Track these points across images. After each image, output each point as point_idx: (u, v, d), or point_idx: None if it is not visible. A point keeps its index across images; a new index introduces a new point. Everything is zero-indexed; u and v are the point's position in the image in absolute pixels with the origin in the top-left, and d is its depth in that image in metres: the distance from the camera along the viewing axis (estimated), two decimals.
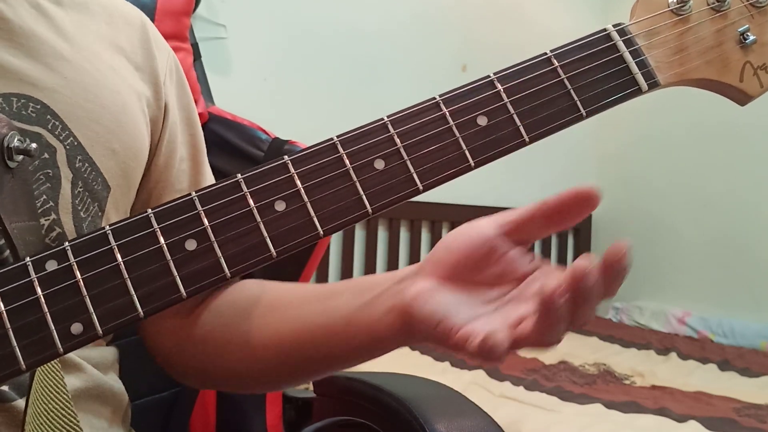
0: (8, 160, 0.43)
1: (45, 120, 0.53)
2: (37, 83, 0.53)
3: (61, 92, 0.54)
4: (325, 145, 0.41)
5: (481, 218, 0.46)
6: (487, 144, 0.41)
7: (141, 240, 0.38)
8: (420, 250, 2.60)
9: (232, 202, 0.39)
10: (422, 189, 0.41)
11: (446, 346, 0.42)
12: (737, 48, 0.46)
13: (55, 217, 0.53)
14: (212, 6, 2.21)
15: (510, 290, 0.45)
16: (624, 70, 0.44)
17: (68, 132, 0.54)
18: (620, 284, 0.43)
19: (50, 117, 0.53)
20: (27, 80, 0.53)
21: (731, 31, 0.46)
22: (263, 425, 0.88)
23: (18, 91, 0.52)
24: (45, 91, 0.53)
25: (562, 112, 0.43)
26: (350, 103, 2.43)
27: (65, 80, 0.55)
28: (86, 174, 0.55)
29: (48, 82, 0.54)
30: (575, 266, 0.40)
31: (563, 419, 1.38)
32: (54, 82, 0.54)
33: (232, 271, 0.38)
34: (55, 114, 0.54)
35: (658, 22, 0.45)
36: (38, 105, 0.53)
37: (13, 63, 0.52)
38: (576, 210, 0.45)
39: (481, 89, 0.43)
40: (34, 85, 0.53)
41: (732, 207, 2.55)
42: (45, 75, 0.54)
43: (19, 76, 0.52)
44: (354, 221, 0.40)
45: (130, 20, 0.65)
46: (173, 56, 0.69)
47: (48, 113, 0.53)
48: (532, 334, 0.41)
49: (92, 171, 0.56)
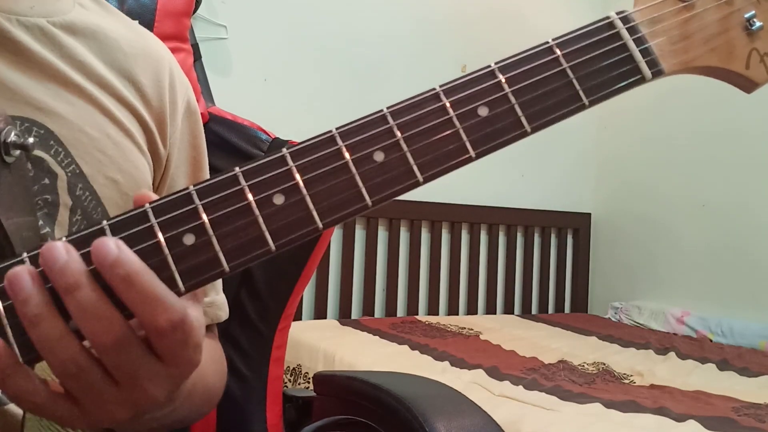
0: (5, 155, 0.43)
1: (48, 145, 0.53)
2: (43, 108, 0.53)
3: (66, 118, 0.54)
4: (323, 138, 0.40)
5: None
6: (489, 135, 0.41)
7: (138, 235, 0.38)
8: (420, 250, 2.60)
9: (231, 195, 0.39)
10: (422, 181, 0.40)
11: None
12: (743, 35, 0.45)
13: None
14: (212, 6, 2.22)
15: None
16: (627, 59, 0.44)
17: (71, 159, 0.54)
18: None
19: (53, 143, 0.53)
20: (33, 104, 0.53)
21: (737, 17, 0.45)
22: (263, 424, 0.88)
23: (23, 114, 0.52)
24: (50, 116, 0.53)
25: (564, 101, 0.42)
26: (350, 104, 2.43)
27: (72, 107, 0.55)
28: (86, 202, 0.55)
29: (54, 108, 0.54)
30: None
31: (562, 418, 1.38)
32: (60, 107, 0.54)
33: (231, 265, 0.38)
34: (59, 140, 0.53)
35: (662, 9, 0.45)
36: (42, 130, 0.52)
37: (19, 85, 0.52)
38: None
39: (482, 79, 0.42)
40: (39, 110, 0.53)
41: (731, 207, 2.55)
42: (52, 100, 0.54)
43: (26, 100, 0.52)
44: (354, 214, 0.39)
45: (150, 53, 0.64)
46: (190, 96, 0.68)
47: (51, 138, 0.53)
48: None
49: (92, 200, 0.56)
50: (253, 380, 0.88)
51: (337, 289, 2.43)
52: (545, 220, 2.92)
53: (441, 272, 2.66)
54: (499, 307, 2.82)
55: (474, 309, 2.73)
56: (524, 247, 2.88)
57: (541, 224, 2.92)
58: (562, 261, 2.99)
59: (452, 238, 2.68)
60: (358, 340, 2.04)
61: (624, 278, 2.94)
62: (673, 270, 2.74)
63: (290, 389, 0.96)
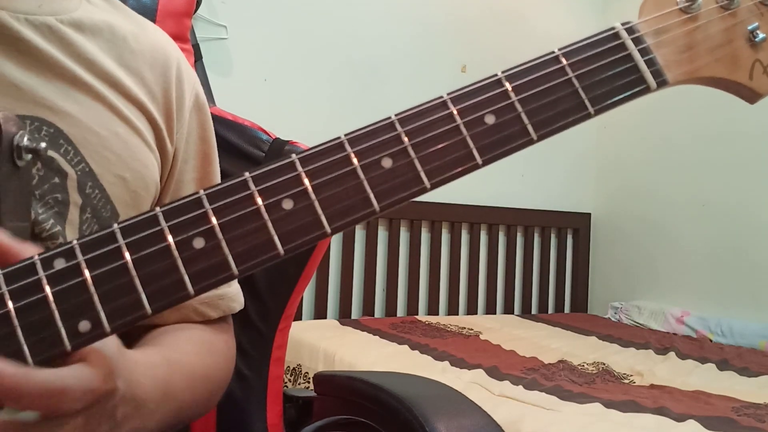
0: (17, 159, 0.43)
1: (58, 144, 0.53)
2: (52, 107, 0.53)
3: (75, 117, 0.54)
4: (332, 144, 0.41)
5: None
6: (495, 142, 0.41)
7: (149, 238, 0.38)
8: (420, 250, 2.60)
9: (240, 200, 0.39)
10: (429, 187, 0.41)
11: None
12: (747, 46, 0.46)
13: (62, 241, 0.52)
14: (213, 7, 2.22)
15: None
16: (632, 69, 0.44)
17: (80, 158, 0.54)
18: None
19: (63, 141, 0.53)
20: (42, 103, 0.53)
21: (741, 28, 0.46)
22: (264, 424, 0.88)
23: (32, 113, 0.52)
24: (59, 115, 0.53)
25: (570, 110, 0.43)
26: (350, 104, 2.43)
27: (80, 105, 0.55)
28: (96, 201, 0.55)
29: (63, 107, 0.54)
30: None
31: (562, 418, 1.38)
32: (69, 106, 0.54)
33: (240, 268, 0.38)
34: (68, 139, 0.53)
35: (667, 21, 0.45)
36: (51, 129, 0.53)
37: (28, 85, 0.52)
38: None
39: (489, 87, 0.43)
40: (49, 109, 0.53)
41: (731, 207, 2.56)
42: (60, 99, 0.54)
43: (35, 99, 0.52)
44: (361, 219, 0.40)
45: (157, 49, 0.64)
46: (198, 90, 0.68)
47: (61, 137, 0.53)
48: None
49: (102, 198, 0.56)
50: (253, 380, 0.88)
51: (337, 289, 2.43)
52: (545, 220, 2.92)
53: (441, 272, 2.66)
54: (499, 307, 2.82)
55: (474, 309, 2.74)
56: (524, 247, 2.88)
57: (541, 224, 2.92)
58: (562, 261, 2.99)
59: (452, 238, 2.69)
60: (358, 340, 2.04)
61: (624, 278, 2.95)
62: (672, 270, 2.75)
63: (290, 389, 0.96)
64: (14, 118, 0.43)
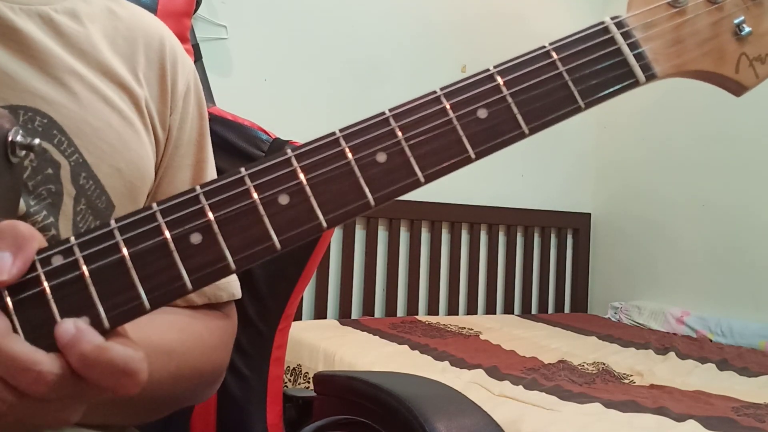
0: (11, 155, 0.43)
1: (51, 135, 0.52)
2: (46, 97, 0.53)
3: (69, 107, 0.54)
4: (327, 139, 0.41)
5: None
6: (488, 136, 0.42)
7: (146, 234, 0.39)
8: (420, 250, 2.61)
9: (237, 196, 0.40)
10: (424, 181, 0.41)
11: None
12: (733, 40, 0.46)
13: (55, 233, 0.52)
14: (213, 7, 2.22)
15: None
16: (621, 63, 0.45)
17: (74, 148, 0.54)
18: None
19: (56, 132, 0.53)
20: (35, 93, 0.52)
21: (727, 23, 0.46)
22: (263, 424, 0.88)
23: (25, 103, 0.52)
24: (53, 105, 0.53)
25: (561, 103, 0.43)
26: (350, 104, 2.43)
27: (74, 96, 0.55)
28: (90, 191, 0.55)
29: (56, 97, 0.53)
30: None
31: (562, 418, 1.38)
32: (63, 97, 0.54)
33: (237, 263, 0.39)
34: (62, 129, 0.53)
35: (655, 15, 0.46)
36: (45, 119, 0.52)
37: (22, 75, 0.52)
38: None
39: (481, 82, 0.43)
40: (42, 98, 0.53)
41: (731, 207, 2.56)
42: (54, 89, 0.54)
43: (28, 89, 0.52)
44: (357, 213, 0.40)
45: (151, 34, 0.64)
46: (192, 78, 0.68)
47: (54, 128, 0.53)
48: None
49: (96, 188, 0.55)
50: (253, 380, 0.88)
51: (337, 289, 2.44)
52: (545, 220, 2.92)
53: (441, 272, 2.66)
54: (498, 307, 2.82)
55: (474, 309, 2.74)
56: (524, 247, 2.88)
57: (541, 224, 2.92)
58: (561, 261, 3.00)
59: (452, 238, 2.69)
60: (358, 340, 2.04)
61: (624, 278, 2.95)
62: (672, 270, 2.75)
63: (290, 389, 0.96)
64: (7, 114, 0.43)
